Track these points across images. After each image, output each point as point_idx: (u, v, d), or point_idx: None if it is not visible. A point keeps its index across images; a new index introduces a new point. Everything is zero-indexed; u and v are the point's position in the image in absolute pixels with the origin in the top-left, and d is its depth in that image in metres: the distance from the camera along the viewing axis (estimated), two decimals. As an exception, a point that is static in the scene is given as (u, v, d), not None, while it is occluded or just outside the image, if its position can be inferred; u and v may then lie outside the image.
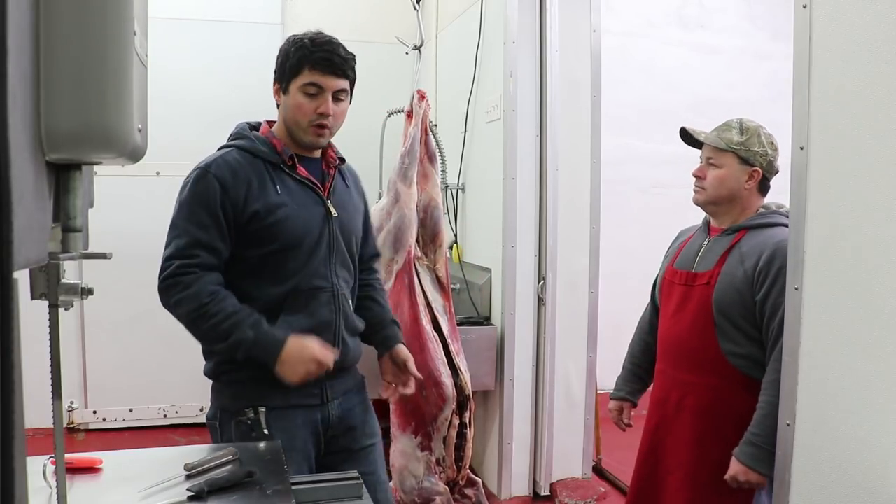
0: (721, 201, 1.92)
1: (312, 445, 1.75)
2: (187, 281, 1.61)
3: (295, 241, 1.68)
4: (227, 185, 1.64)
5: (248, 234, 1.66)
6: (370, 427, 1.87)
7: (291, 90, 1.69)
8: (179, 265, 1.62)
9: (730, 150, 1.88)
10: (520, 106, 3.04)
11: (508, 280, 3.07)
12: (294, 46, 1.68)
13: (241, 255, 1.68)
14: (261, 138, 1.73)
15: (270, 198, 1.66)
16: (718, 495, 1.82)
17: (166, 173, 3.88)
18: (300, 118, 1.69)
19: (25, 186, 0.62)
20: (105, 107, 0.74)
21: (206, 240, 1.63)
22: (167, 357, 3.93)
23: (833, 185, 1.39)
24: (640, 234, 4.40)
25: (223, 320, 1.59)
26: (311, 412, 1.74)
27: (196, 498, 1.23)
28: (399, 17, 4.09)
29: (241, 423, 1.66)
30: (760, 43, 4.75)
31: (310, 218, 1.71)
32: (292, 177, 1.72)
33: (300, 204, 1.70)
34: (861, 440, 1.31)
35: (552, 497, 3.18)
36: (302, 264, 1.70)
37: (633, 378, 2.21)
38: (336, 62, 1.67)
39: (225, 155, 1.69)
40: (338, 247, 1.75)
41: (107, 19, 0.74)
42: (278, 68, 1.72)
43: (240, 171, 1.66)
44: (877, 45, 1.26)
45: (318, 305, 1.71)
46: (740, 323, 1.81)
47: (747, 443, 1.73)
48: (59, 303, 0.92)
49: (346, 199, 1.82)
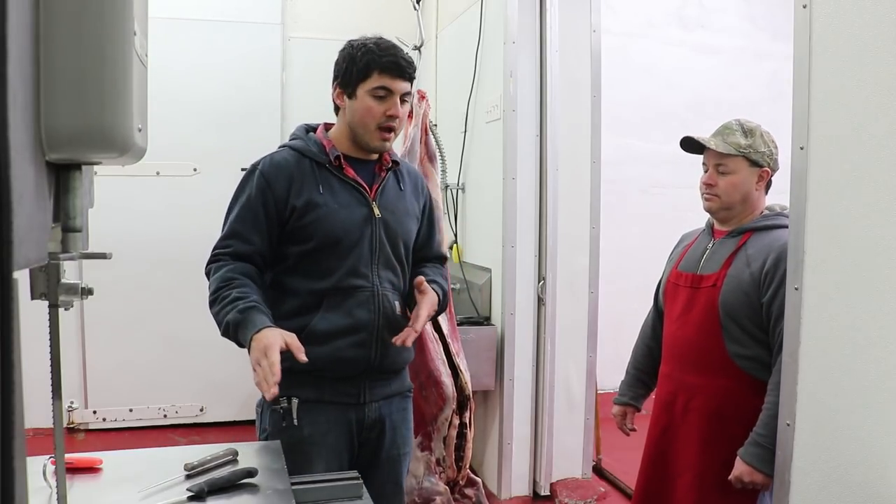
0: (734, 206, 1.91)
1: (345, 444, 1.75)
2: (216, 267, 1.69)
3: (332, 239, 1.70)
4: (270, 181, 1.70)
5: (289, 230, 1.71)
6: (402, 436, 1.85)
7: (359, 94, 1.71)
8: (215, 254, 1.71)
9: (739, 155, 1.87)
10: (520, 106, 3.04)
11: (508, 280, 3.07)
12: (360, 51, 1.71)
13: (284, 252, 1.73)
14: (313, 139, 1.78)
15: (311, 196, 1.70)
16: (725, 496, 1.81)
17: (166, 173, 3.89)
18: (369, 121, 1.71)
19: (25, 186, 0.62)
20: (105, 107, 0.74)
21: (241, 231, 1.70)
22: (167, 357, 3.94)
23: (833, 185, 1.39)
24: (640, 234, 4.41)
25: (225, 305, 1.61)
26: (346, 410, 1.74)
27: (196, 498, 1.23)
28: (399, 17, 4.09)
29: (275, 410, 1.69)
30: (760, 43, 4.75)
31: (350, 218, 1.72)
32: (338, 177, 1.74)
33: (342, 204, 1.72)
34: (861, 440, 1.31)
35: (552, 497, 3.19)
36: (341, 263, 1.71)
37: (636, 383, 2.20)
38: (403, 65, 1.71)
39: (275, 154, 1.76)
40: (381, 248, 1.75)
41: (106, 19, 0.74)
42: (343, 73, 1.74)
43: (284, 169, 1.72)
44: (877, 45, 1.26)
45: (356, 304, 1.71)
46: (747, 325, 1.81)
47: (753, 443, 1.73)
48: (59, 303, 0.92)
49: (397, 201, 1.81)
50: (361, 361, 1.72)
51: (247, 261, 1.70)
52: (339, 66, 1.76)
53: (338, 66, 1.76)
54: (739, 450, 1.76)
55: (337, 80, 1.76)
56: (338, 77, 1.76)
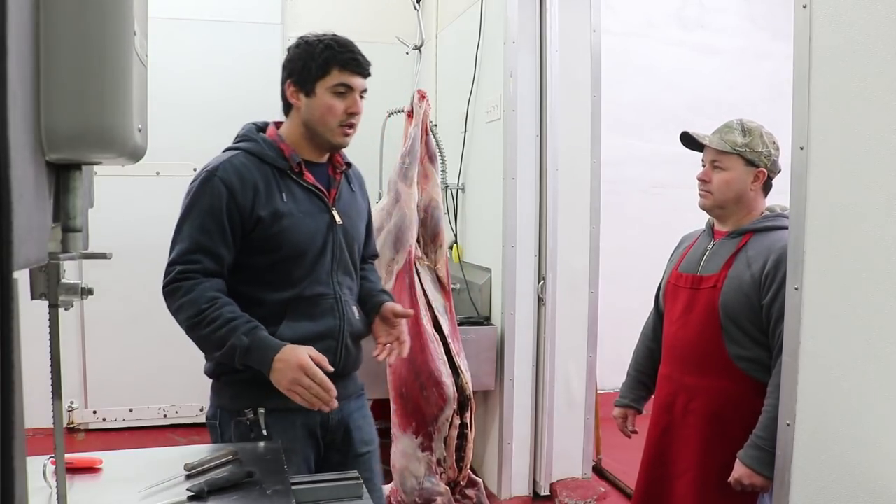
0: (728, 204, 1.91)
1: (311, 448, 1.74)
2: (187, 286, 1.59)
3: (299, 250, 1.67)
4: (234, 189, 1.62)
5: (253, 240, 1.65)
6: (367, 434, 1.86)
7: (318, 91, 1.68)
8: (181, 270, 1.60)
9: (735, 153, 1.87)
10: (520, 106, 3.03)
11: (508, 280, 3.07)
12: (318, 48, 1.67)
13: (245, 262, 1.67)
14: (268, 142, 1.71)
15: (276, 205, 1.65)
16: (725, 498, 1.81)
17: (166, 173, 3.89)
18: (330, 119, 1.68)
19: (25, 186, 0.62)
20: (105, 107, 0.74)
21: (208, 245, 1.61)
22: (167, 357, 3.93)
23: (833, 185, 1.39)
24: (640, 234, 4.41)
25: (220, 327, 1.56)
26: (310, 416, 1.72)
27: (196, 498, 1.23)
28: (399, 17, 4.09)
29: (240, 423, 1.66)
30: (760, 43, 4.75)
31: (314, 227, 1.69)
32: (299, 183, 1.70)
33: (305, 212, 1.69)
34: (861, 440, 1.31)
35: (552, 497, 3.18)
36: (306, 272, 1.69)
37: (637, 385, 2.20)
38: (362, 62, 1.69)
39: (232, 158, 1.67)
40: (341, 254, 1.75)
41: (107, 19, 0.74)
42: (299, 71, 1.69)
43: (247, 176, 1.64)
44: (877, 45, 1.26)
45: (322, 312, 1.71)
46: (747, 326, 1.81)
47: (752, 446, 1.73)
48: (59, 303, 0.92)
49: (351, 205, 1.81)
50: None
51: (218, 276, 1.63)
52: (293, 63, 1.71)
53: (292, 63, 1.71)
54: (739, 452, 1.76)
55: (291, 77, 1.71)
56: (292, 75, 1.71)
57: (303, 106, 1.71)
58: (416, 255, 2.88)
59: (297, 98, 1.71)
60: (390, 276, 2.84)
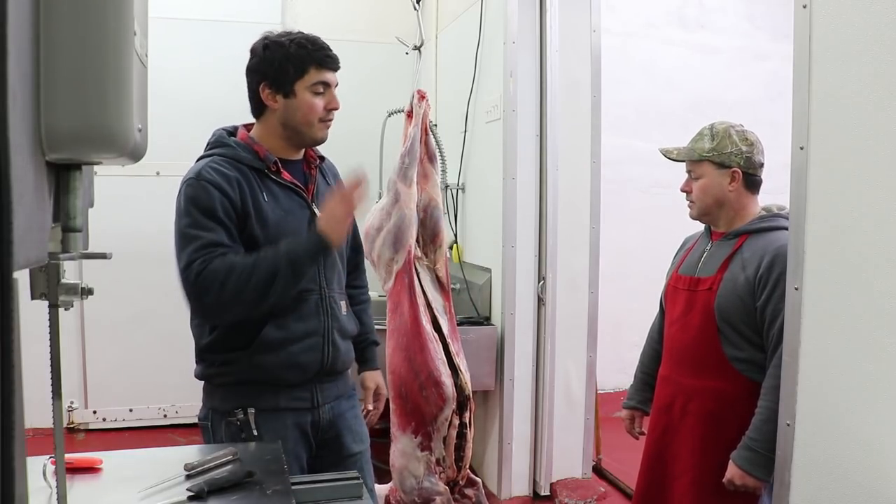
0: (711, 210, 1.94)
1: (303, 448, 1.75)
2: (216, 265, 1.56)
3: None
4: (223, 188, 1.62)
5: (242, 239, 1.65)
6: (359, 434, 1.87)
7: (298, 92, 1.68)
8: (202, 260, 1.57)
9: (703, 159, 1.91)
10: (520, 106, 3.03)
11: (508, 280, 3.07)
12: (291, 48, 1.67)
13: None
14: (241, 144, 1.71)
15: (260, 205, 1.66)
16: (723, 499, 1.82)
17: (166, 173, 3.88)
18: (312, 117, 1.70)
19: (25, 186, 0.62)
20: (105, 107, 0.74)
21: (217, 239, 1.60)
22: (167, 357, 3.93)
23: (833, 185, 1.39)
24: (640, 234, 4.41)
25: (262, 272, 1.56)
26: (301, 415, 1.73)
27: (196, 498, 1.23)
28: (399, 17, 4.09)
29: (231, 423, 1.66)
30: (760, 43, 4.75)
31: (297, 224, 1.70)
32: (277, 182, 1.71)
33: (286, 210, 1.70)
34: (861, 440, 1.31)
35: (552, 497, 3.18)
36: None
37: (644, 387, 2.20)
38: (335, 58, 1.73)
39: (209, 163, 1.66)
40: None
41: (107, 19, 0.74)
42: (275, 72, 1.68)
43: (231, 175, 1.64)
44: (877, 45, 1.26)
45: (307, 309, 1.71)
46: (742, 328, 1.82)
47: (745, 447, 1.74)
48: (59, 303, 0.92)
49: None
50: (314, 365, 1.72)
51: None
52: (266, 65, 1.69)
53: (265, 65, 1.69)
54: (732, 453, 1.77)
55: (266, 80, 1.69)
56: (266, 77, 1.69)
57: (280, 107, 1.70)
58: (416, 255, 2.88)
59: (273, 100, 1.70)
60: (390, 276, 2.83)
